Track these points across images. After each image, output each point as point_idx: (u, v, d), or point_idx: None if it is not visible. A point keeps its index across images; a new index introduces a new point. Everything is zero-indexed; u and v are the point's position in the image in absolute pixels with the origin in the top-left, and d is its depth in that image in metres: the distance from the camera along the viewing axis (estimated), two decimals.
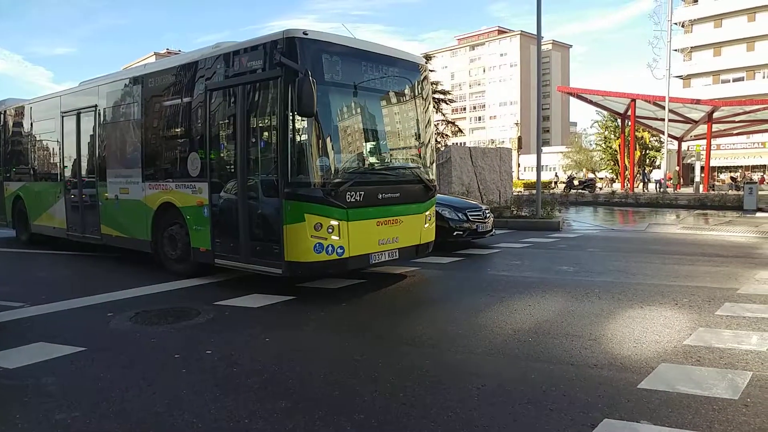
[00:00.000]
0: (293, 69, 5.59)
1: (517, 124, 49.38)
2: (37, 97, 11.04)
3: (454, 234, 9.49)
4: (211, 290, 6.53)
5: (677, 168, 38.07)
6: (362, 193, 6.08)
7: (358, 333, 4.88)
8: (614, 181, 42.94)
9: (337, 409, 3.23)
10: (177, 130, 7.48)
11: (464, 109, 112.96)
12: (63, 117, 9.62)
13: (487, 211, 10.39)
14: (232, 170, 6.51)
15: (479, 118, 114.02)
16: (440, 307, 6.01)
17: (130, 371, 3.95)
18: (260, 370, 3.90)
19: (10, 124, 11.64)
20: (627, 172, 35.48)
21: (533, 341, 4.50)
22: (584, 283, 6.82)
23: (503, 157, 19.02)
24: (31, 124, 10.78)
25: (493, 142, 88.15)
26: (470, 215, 9.84)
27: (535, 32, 14.69)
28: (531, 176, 41.59)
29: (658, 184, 33.56)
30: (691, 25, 54.85)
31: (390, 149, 7.13)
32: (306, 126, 5.74)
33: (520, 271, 7.86)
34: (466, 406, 3.27)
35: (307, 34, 5.78)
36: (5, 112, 11.73)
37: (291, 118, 5.71)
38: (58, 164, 9.93)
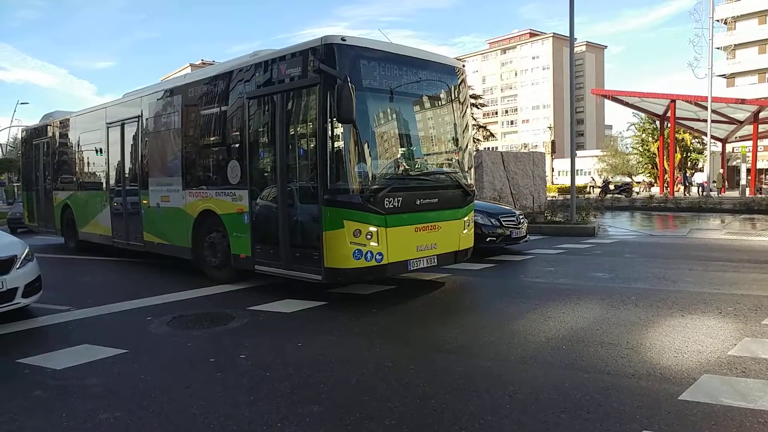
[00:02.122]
0: (332, 75, 5.64)
1: (550, 127, 48.61)
2: (82, 109, 11.52)
3: (487, 240, 9.39)
4: (245, 296, 6.67)
5: (721, 171, 36.67)
6: (400, 199, 6.09)
7: (388, 339, 4.89)
8: (653, 185, 41.70)
9: (368, 415, 3.25)
10: (216, 138, 7.66)
11: (496, 113, 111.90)
12: (108, 128, 10.00)
13: (521, 217, 10.24)
14: (272, 177, 6.60)
15: (511, 122, 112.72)
16: (472, 314, 5.97)
17: (168, 373, 4.08)
18: (292, 374, 3.96)
19: (58, 135, 12.16)
20: (666, 176, 34.38)
21: (567, 349, 4.42)
22: (621, 290, 6.65)
23: (536, 161, 18.74)
24: (78, 135, 11.24)
25: (525, 146, 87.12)
26: (504, 221, 9.72)
27: (568, 34, 14.47)
28: (565, 181, 40.83)
29: (700, 188, 32.39)
30: (734, 21, 52.87)
31: (428, 154, 7.11)
32: (344, 132, 5.76)
33: (554, 277, 7.72)
34: (498, 413, 3.24)
35: (345, 40, 5.82)
36: (53, 124, 12.28)
37: (330, 124, 5.75)
38: (103, 173, 10.32)
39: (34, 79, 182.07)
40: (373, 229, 5.86)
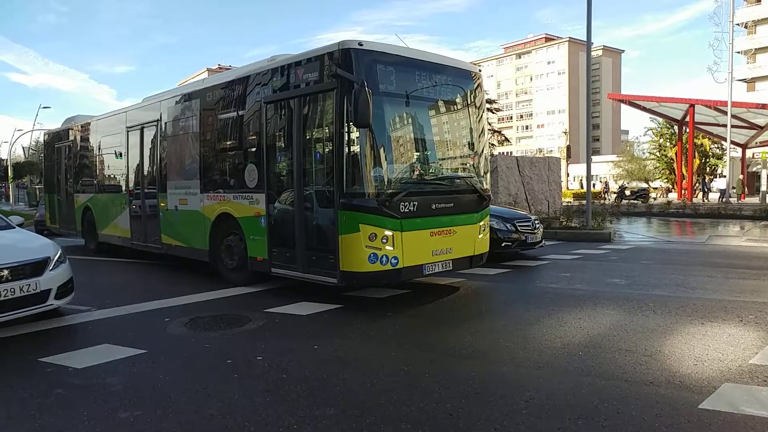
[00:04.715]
0: (349, 80, 5.68)
1: (565, 132, 48.29)
2: (103, 113, 11.71)
3: (503, 245, 9.33)
4: (261, 298, 6.71)
5: (741, 177, 36.04)
6: (416, 203, 6.10)
7: (403, 343, 4.89)
8: (670, 191, 41.15)
9: (383, 419, 3.26)
10: (234, 142, 7.74)
11: (511, 117, 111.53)
12: (128, 131, 10.15)
13: (536, 222, 10.18)
14: (289, 181, 6.65)
15: (526, 127, 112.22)
16: (487, 319, 5.94)
17: (186, 374, 4.12)
18: (308, 377, 3.98)
19: (79, 139, 12.38)
20: (684, 182, 33.87)
21: (584, 355, 4.38)
22: (638, 296, 6.57)
23: (552, 166, 18.65)
24: (99, 139, 11.43)
25: (540, 152, 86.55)
26: (519, 226, 9.67)
27: (584, 38, 14.38)
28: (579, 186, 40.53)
29: (722, 194, 31.78)
30: (755, 25, 52.00)
31: (443, 159, 7.11)
32: (361, 137, 5.79)
33: (569, 283, 7.66)
34: (514, 419, 3.22)
35: (362, 45, 5.86)
36: (75, 127, 12.50)
37: (346, 129, 5.79)
38: (122, 177, 10.47)
39: (55, 84, 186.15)
40: (388, 233, 5.87)
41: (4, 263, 5.16)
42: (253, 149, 7.24)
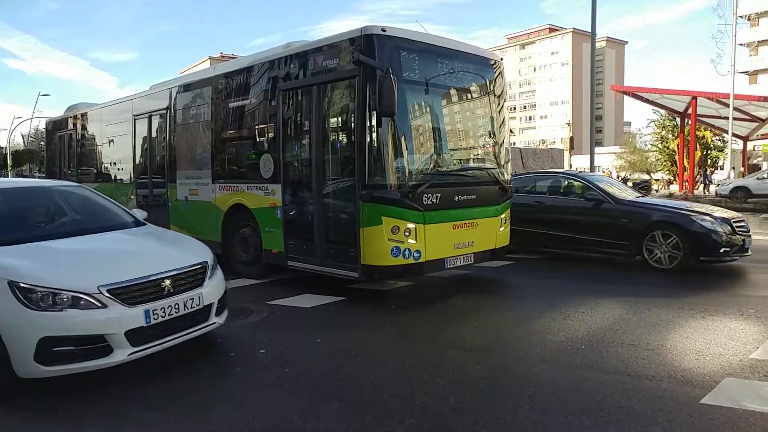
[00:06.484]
0: (372, 67, 5.47)
1: (568, 124, 47.89)
2: (108, 101, 11.55)
3: (721, 251, 7.63)
4: (264, 290, 6.70)
5: (742, 169, 35.97)
6: (439, 195, 5.95)
7: (407, 336, 4.90)
8: (672, 183, 41.08)
9: (388, 413, 3.27)
10: (248, 131, 7.50)
11: (514, 108, 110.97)
12: (135, 120, 9.93)
13: (747, 222, 8.47)
14: (307, 172, 6.45)
15: (529, 118, 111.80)
16: (491, 312, 5.95)
17: (188, 368, 4.12)
18: (312, 370, 4.00)
19: (83, 127, 12.23)
20: (686, 173, 33.79)
21: (587, 349, 4.40)
22: (640, 290, 6.57)
23: (555, 157, 18.65)
24: (104, 127, 11.18)
25: (543, 143, 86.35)
26: (736, 227, 7.86)
27: (588, 29, 14.29)
28: None
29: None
30: (758, 18, 51.57)
31: (466, 149, 6.90)
32: (383, 126, 5.57)
33: (572, 276, 7.66)
34: (518, 413, 3.24)
35: (385, 31, 5.66)
36: (78, 115, 12.38)
37: (368, 118, 5.60)
38: (129, 166, 10.27)
39: (54, 71, 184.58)
40: (411, 225, 5.72)
41: (164, 271, 3.94)
42: (269, 138, 7.02)
